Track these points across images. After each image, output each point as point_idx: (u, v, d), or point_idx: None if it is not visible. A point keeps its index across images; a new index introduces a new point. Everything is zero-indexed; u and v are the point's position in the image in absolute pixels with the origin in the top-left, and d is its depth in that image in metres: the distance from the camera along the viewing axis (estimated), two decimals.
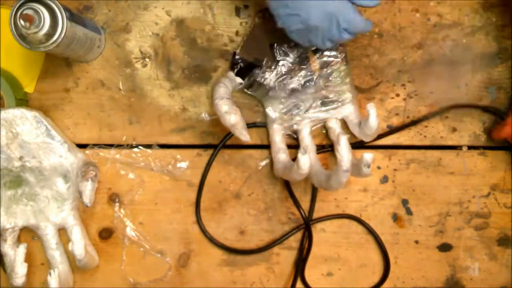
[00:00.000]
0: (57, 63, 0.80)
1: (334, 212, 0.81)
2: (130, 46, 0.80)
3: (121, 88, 0.81)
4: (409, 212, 0.81)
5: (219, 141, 0.81)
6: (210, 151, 0.81)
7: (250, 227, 0.81)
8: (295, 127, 0.79)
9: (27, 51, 0.70)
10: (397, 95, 0.81)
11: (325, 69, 0.77)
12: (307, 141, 0.79)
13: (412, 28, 0.80)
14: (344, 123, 0.80)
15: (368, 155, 0.68)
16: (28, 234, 0.80)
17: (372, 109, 0.73)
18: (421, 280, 0.81)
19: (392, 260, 0.81)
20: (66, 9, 0.68)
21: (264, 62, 0.77)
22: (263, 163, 0.81)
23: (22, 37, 0.67)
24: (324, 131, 0.81)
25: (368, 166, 0.69)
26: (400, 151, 0.81)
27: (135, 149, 0.81)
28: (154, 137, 0.81)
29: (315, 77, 0.77)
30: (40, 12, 0.66)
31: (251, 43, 0.78)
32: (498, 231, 0.81)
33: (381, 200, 0.81)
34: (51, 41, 0.67)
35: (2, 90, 0.77)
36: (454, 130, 0.81)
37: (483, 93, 0.81)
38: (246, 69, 0.78)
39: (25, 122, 0.77)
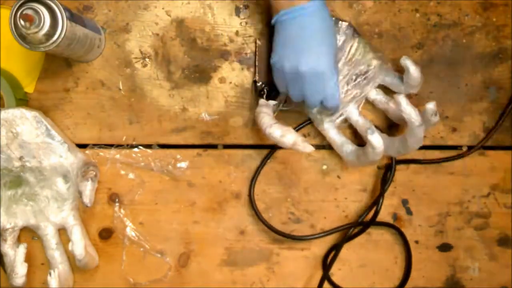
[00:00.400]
0: (57, 63, 0.80)
1: (333, 212, 0.81)
2: (130, 46, 0.80)
3: (121, 88, 0.80)
4: (409, 212, 0.81)
5: (219, 141, 0.81)
6: (210, 151, 0.81)
7: (250, 227, 0.81)
8: (343, 116, 0.78)
9: (27, 51, 0.70)
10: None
11: (341, 55, 0.77)
12: (362, 121, 0.78)
13: (412, 28, 0.80)
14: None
15: (430, 104, 0.69)
16: (28, 234, 0.80)
17: (407, 60, 0.73)
18: (421, 280, 0.81)
19: (392, 260, 0.81)
20: (66, 9, 0.68)
21: None
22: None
23: (22, 37, 0.67)
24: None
25: (436, 114, 0.69)
26: None
27: (135, 149, 0.81)
28: (154, 137, 0.81)
29: (344, 64, 0.77)
30: (40, 12, 0.66)
31: (262, 65, 0.79)
32: (498, 231, 0.81)
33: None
34: (51, 41, 0.67)
35: (2, 90, 0.77)
36: (454, 130, 0.81)
37: (483, 93, 0.81)
38: (271, 90, 0.79)
39: (25, 122, 0.76)
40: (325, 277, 0.79)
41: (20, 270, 0.74)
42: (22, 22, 0.66)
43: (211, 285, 0.81)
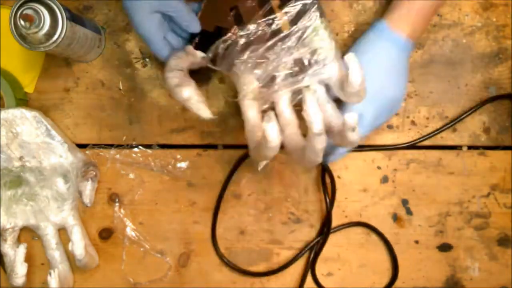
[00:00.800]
0: (57, 63, 0.80)
1: (333, 213, 0.81)
2: (130, 46, 0.80)
3: (121, 88, 0.80)
4: (409, 212, 0.81)
5: (219, 141, 0.81)
6: (210, 151, 0.81)
7: (250, 227, 0.81)
8: (272, 99, 0.67)
9: (27, 51, 0.71)
10: None
11: (295, 26, 0.66)
12: (287, 113, 0.66)
13: None
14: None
15: (351, 115, 0.58)
16: (28, 234, 0.80)
17: (352, 60, 0.61)
18: (421, 280, 0.81)
19: (392, 260, 0.81)
20: (66, 9, 0.68)
21: (226, 30, 0.67)
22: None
23: (22, 37, 0.67)
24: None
25: (353, 130, 0.59)
26: (400, 151, 0.81)
27: (135, 149, 0.81)
28: (154, 137, 0.81)
29: (286, 37, 0.66)
30: (40, 12, 0.66)
31: (209, 9, 0.69)
32: (498, 231, 0.81)
33: (381, 200, 0.81)
34: (51, 41, 0.67)
35: (2, 90, 0.77)
36: (454, 130, 0.81)
37: (483, 93, 0.81)
38: (206, 40, 0.68)
39: (25, 122, 0.77)
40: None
41: (20, 270, 0.74)
42: (22, 22, 0.66)
43: (211, 285, 0.81)
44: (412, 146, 0.81)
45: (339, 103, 0.69)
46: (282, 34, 0.66)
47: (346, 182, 0.81)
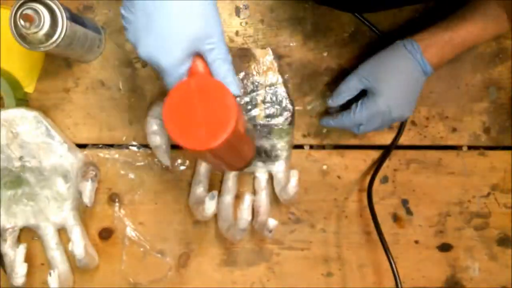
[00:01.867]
0: (57, 63, 0.80)
1: (334, 212, 0.81)
2: (130, 46, 0.80)
3: (121, 88, 0.80)
4: (409, 212, 0.81)
5: None
6: None
7: (250, 226, 0.79)
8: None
9: (27, 51, 0.70)
10: None
11: (268, 119, 0.78)
12: (231, 183, 0.79)
13: (413, 28, 0.79)
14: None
15: (273, 222, 0.72)
16: (28, 234, 0.80)
17: (294, 176, 0.74)
18: (421, 280, 0.81)
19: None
20: (66, 9, 0.68)
21: None
22: None
23: (22, 37, 0.67)
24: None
25: (270, 231, 0.73)
26: (400, 151, 0.81)
27: (135, 149, 0.81)
28: None
29: (258, 124, 0.78)
30: (40, 12, 0.66)
31: None
32: (498, 231, 0.82)
33: (381, 200, 0.81)
34: (51, 41, 0.67)
35: (2, 90, 0.77)
36: (454, 130, 0.81)
37: (483, 93, 0.81)
38: None
39: (25, 122, 0.76)
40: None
41: (20, 270, 0.74)
42: (22, 22, 0.66)
43: (211, 285, 0.81)
44: (412, 146, 0.81)
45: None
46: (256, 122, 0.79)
47: (346, 182, 0.82)
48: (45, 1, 0.66)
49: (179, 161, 0.81)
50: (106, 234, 0.81)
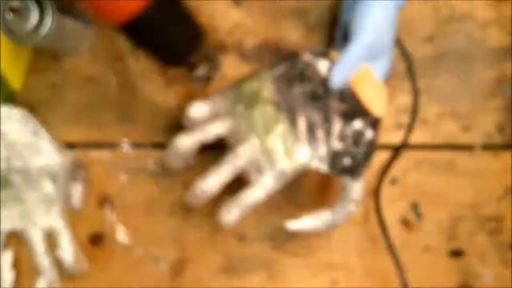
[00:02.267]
0: (45, 58, 0.79)
1: None
2: (122, 38, 0.78)
3: (113, 83, 0.79)
4: (419, 215, 0.80)
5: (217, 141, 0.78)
6: (207, 151, 0.78)
7: (250, 232, 0.80)
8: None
9: (13, 46, 0.69)
10: (407, 90, 0.79)
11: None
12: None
13: (422, 21, 0.79)
14: None
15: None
16: (16, 237, 0.77)
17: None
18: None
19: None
20: (55, 1, 0.67)
21: None
22: None
23: (9, 31, 0.66)
24: None
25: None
26: (410, 151, 0.79)
27: (128, 149, 0.79)
28: (148, 136, 0.79)
29: None
30: (27, 4, 0.65)
31: None
32: (510, 233, 0.80)
33: (389, 203, 0.79)
34: (39, 34, 0.66)
35: None
36: (466, 128, 0.80)
37: (497, 90, 0.80)
38: None
39: (12, 121, 0.74)
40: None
41: (6, 277, 0.74)
42: (9, 15, 0.65)
43: None
44: (423, 146, 0.80)
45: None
46: None
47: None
48: None
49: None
50: (96, 239, 0.79)
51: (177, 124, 0.78)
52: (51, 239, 0.76)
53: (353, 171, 0.71)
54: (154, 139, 0.79)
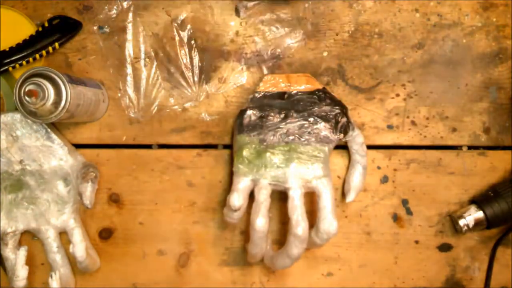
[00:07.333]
0: (57, 63, 0.80)
1: None
2: (130, 46, 0.80)
3: (121, 88, 0.80)
4: (409, 212, 0.81)
5: (219, 141, 0.81)
6: (210, 151, 0.81)
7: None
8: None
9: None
10: (397, 95, 0.81)
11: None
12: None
13: (412, 28, 0.80)
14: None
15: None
16: (28, 234, 0.80)
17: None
18: (421, 280, 0.81)
19: (392, 260, 0.81)
20: (64, 74, 0.69)
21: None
22: None
23: (31, 113, 0.68)
24: None
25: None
26: (400, 151, 0.81)
27: (135, 149, 0.81)
28: (154, 137, 0.81)
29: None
30: (42, 84, 0.67)
31: None
32: (498, 231, 0.81)
33: (381, 200, 0.81)
34: (60, 108, 0.68)
35: (2, 92, 0.77)
36: (454, 130, 0.81)
37: (483, 93, 0.81)
38: None
39: (25, 125, 0.76)
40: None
41: (21, 273, 0.74)
42: (28, 99, 0.67)
43: (211, 285, 0.81)
44: (412, 146, 0.81)
45: None
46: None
47: None
48: (43, 73, 0.67)
49: (179, 156, 0.81)
50: (106, 234, 0.81)
51: (182, 126, 0.81)
52: (63, 236, 0.79)
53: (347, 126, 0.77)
54: (160, 140, 0.81)
